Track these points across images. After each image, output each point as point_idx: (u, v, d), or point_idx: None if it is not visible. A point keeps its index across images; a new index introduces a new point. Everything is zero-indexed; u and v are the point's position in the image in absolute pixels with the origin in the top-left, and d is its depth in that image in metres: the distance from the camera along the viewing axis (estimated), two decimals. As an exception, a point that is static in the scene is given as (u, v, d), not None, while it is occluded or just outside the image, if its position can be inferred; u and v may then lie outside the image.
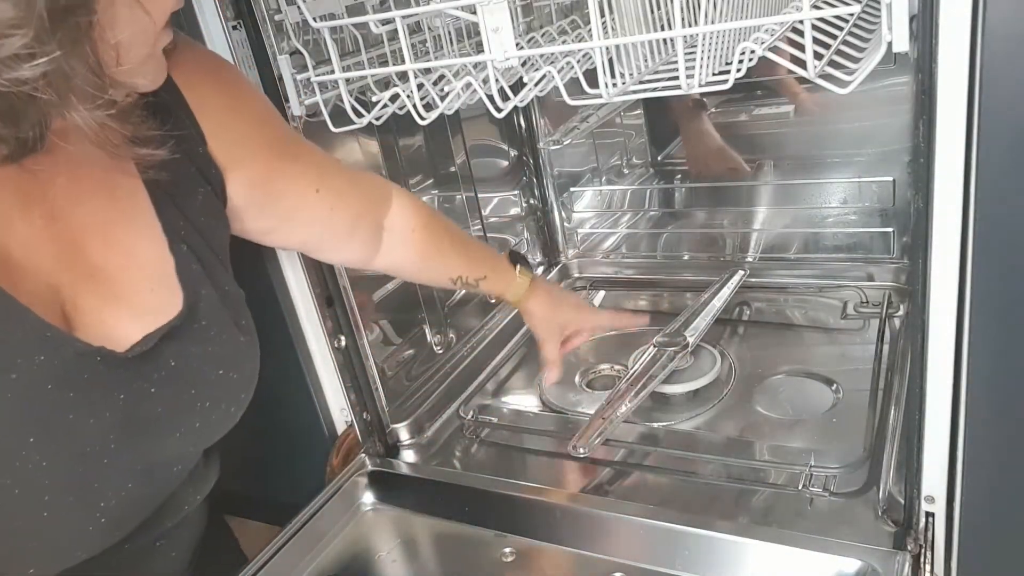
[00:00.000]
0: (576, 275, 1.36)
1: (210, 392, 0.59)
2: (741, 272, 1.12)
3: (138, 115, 0.48)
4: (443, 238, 0.86)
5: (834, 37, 0.61)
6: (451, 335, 1.13)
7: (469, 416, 0.99)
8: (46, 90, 0.40)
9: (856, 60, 0.59)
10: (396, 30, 0.65)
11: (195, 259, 0.59)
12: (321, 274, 0.85)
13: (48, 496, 0.50)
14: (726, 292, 1.07)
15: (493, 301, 0.96)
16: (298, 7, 0.70)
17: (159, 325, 0.56)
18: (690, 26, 0.58)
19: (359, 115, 0.73)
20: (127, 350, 0.54)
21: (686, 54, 0.58)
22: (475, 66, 0.71)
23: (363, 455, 0.92)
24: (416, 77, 0.68)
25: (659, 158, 1.39)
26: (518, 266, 0.93)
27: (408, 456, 0.95)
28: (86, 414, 0.51)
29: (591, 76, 0.60)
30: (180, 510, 0.64)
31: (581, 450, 0.84)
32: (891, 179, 1.13)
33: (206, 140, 0.61)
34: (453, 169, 1.17)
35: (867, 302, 1.09)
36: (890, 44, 0.51)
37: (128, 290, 0.56)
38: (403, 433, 0.97)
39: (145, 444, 0.56)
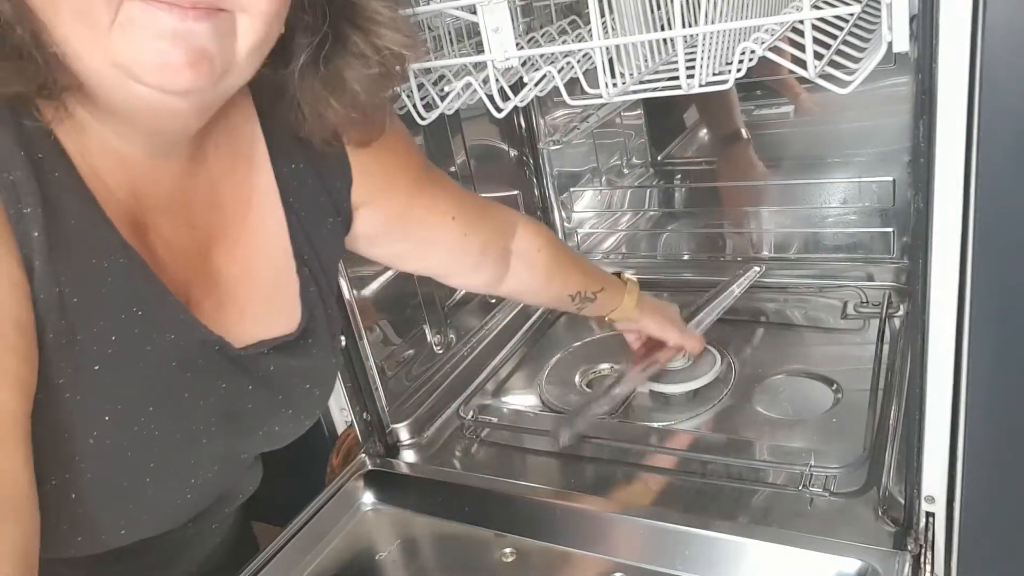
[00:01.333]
0: (576, 275, 1.36)
1: (295, 402, 0.63)
2: (756, 269, 1.10)
3: None
4: (564, 256, 0.91)
5: (834, 37, 0.61)
6: (451, 335, 1.13)
7: (469, 416, 0.99)
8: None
9: (856, 60, 0.59)
10: (396, 30, 0.65)
11: (313, 283, 0.64)
12: (321, 274, 0.85)
13: (154, 464, 0.54)
14: (737, 289, 1.07)
15: (606, 319, 0.97)
16: (298, 7, 0.70)
17: (273, 335, 0.61)
18: (690, 26, 0.58)
19: (359, 115, 0.73)
20: (242, 348, 0.58)
21: (686, 54, 0.58)
22: (475, 66, 0.71)
23: (363, 455, 0.92)
24: (416, 77, 0.68)
25: (659, 158, 1.39)
26: (627, 281, 0.96)
27: (408, 456, 0.95)
28: (197, 396, 0.56)
29: (591, 76, 0.60)
30: (236, 499, 0.70)
31: (565, 439, 0.86)
32: (891, 179, 1.13)
33: (352, 180, 0.66)
34: (453, 169, 1.17)
35: (867, 302, 1.09)
36: (890, 44, 0.51)
37: (248, 300, 0.60)
38: (403, 433, 0.97)
39: (236, 435, 0.60)
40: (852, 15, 0.62)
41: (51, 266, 0.46)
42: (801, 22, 0.54)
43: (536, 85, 0.68)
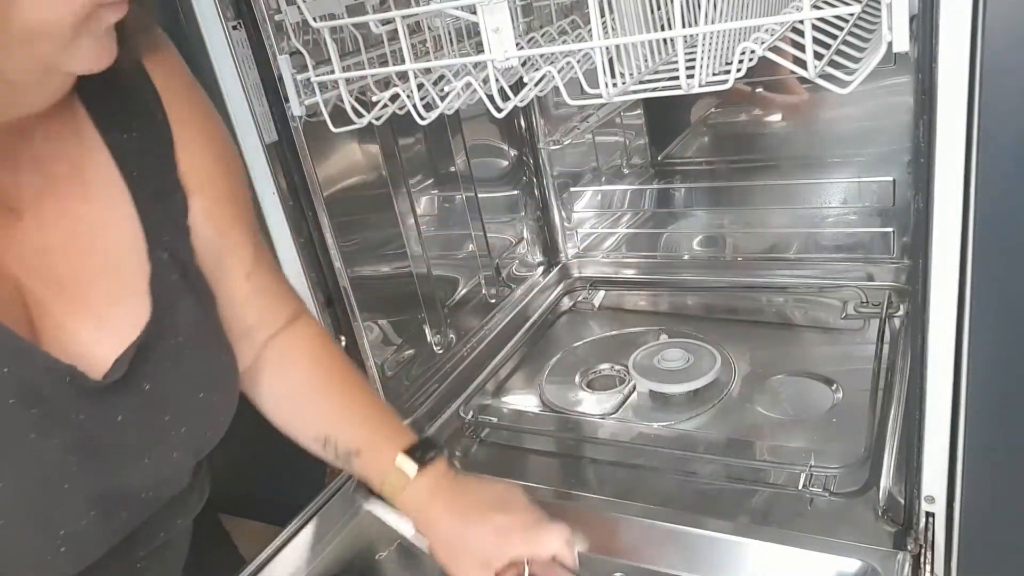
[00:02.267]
0: (576, 275, 1.36)
1: (188, 417, 0.55)
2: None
3: None
4: (330, 380, 0.69)
5: (834, 37, 0.61)
6: (451, 335, 1.13)
7: (469, 416, 0.99)
8: None
9: (856, 60, 0.59)
10: (396, 30, 0.65)
11: (177, 267, 0.54)
12: (321, 274, 0.85)
13: (3, 520, 0.46)
14: None
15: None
16: (298, 7, 0.70)
17: (130, 341, 0.51)
18: (690, 26, 0.58)
19: (359, 115, 0.73)
20: (103, 377, 0.50)
21: (686, 54, 0.58)
22: (475, 66, 0.71)
23: (363, 455, 0.92)
24: (416, 77, 0.68)
25: (659, 158, 1.39)
26: (400, 455, 0.66)
27: (408, 456, 0.95)
28: (47, 434, 0.47)
29: (591, 76, 0.60)
30: (155, 537, 0.59)
31: None
32: (891, 179, 1.13)
33: (175, 148, 0.56)
34: (453, 169, 1.17)
35: (867, 302, 1.09)
36: (890, 44, 0.51)
37: (98, 301, 0.52)
38: (403, 433, 0.97)
39: (110, 470, 0.51)
40: (852, 15, 0.62)
41: None
42: (801, 22, 0.54)
43: (536, 85, 0.68)
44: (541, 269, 1.36)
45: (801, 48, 0.54)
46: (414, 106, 0.69)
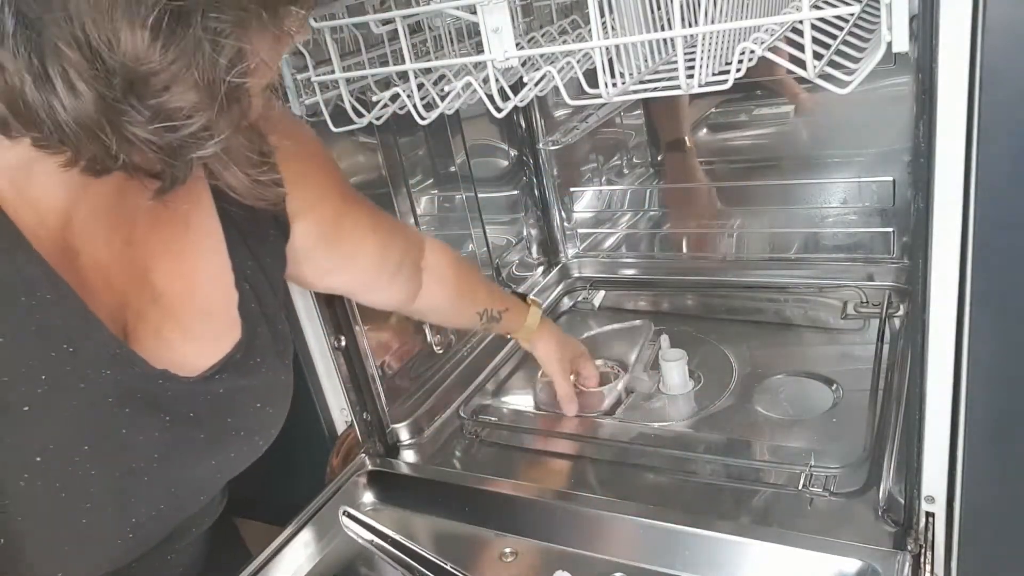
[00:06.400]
0: (576, 275, 1.36)
1: (246, 424, 0.62)
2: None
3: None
4: (472, 275, 0.94)
5: (834, 37, 0.61)
6: (451, 335, 1.13)
7: (469, 416, 0.99)
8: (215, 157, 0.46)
9: (856, 60, 0.59)
10: (396, 30, 0.65)
11: (255, 298, 0.62)
12: (321, 274, 0.85)
13: (90, 504, 0.52)
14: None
15: (508, 337, 1.03)
16: (298, 7, 0.70)
17: (218, 356, 0.59)
18: (690, 26, 0.58)
19: (359, 115, 0.73)
20: (187, 376, 0.57)
21: (686, 54, 0.58)
22: (475, 66, 0.71)
23: (363, 455, 0.92)
24: (416, 77, 0.68)
25: (659, 158, 1.39)
26: (530, 306, 0.98)
27: (408, 456, 0.95)
28: (137, 431, 0.54)
29: (591, 76, 0.60)
30: (189, 532, 0.67)
31: None
32: (891, 179, 1.13)
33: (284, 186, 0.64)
34: (453, 169, 1.17)
35: (867, 302, 1.09)
36: (890, 44, 0.51)
37: (188, 318, 0.59)
38: (403, 433, 0.97)
39: (183, 467, 0.58)
40: (852, 15, 0.62)
41: None
42: (801, 22, 0.54)
43: (536, 85, 0.68)
44: (541, 269, 1.36)
45: (801, 48, 0.54)
46: (414, 106, 0.69)
